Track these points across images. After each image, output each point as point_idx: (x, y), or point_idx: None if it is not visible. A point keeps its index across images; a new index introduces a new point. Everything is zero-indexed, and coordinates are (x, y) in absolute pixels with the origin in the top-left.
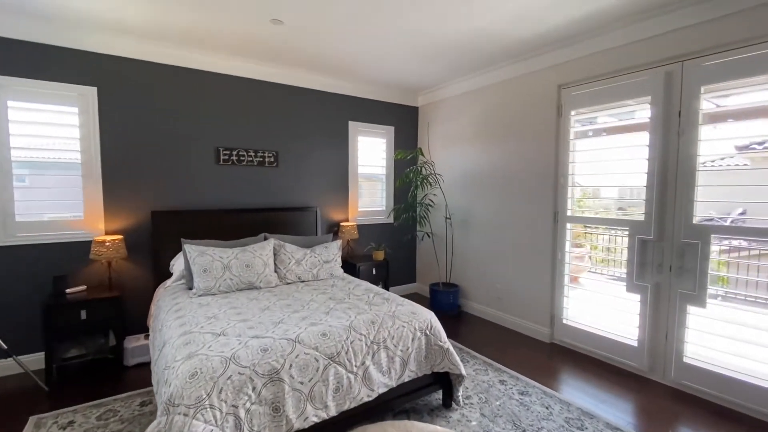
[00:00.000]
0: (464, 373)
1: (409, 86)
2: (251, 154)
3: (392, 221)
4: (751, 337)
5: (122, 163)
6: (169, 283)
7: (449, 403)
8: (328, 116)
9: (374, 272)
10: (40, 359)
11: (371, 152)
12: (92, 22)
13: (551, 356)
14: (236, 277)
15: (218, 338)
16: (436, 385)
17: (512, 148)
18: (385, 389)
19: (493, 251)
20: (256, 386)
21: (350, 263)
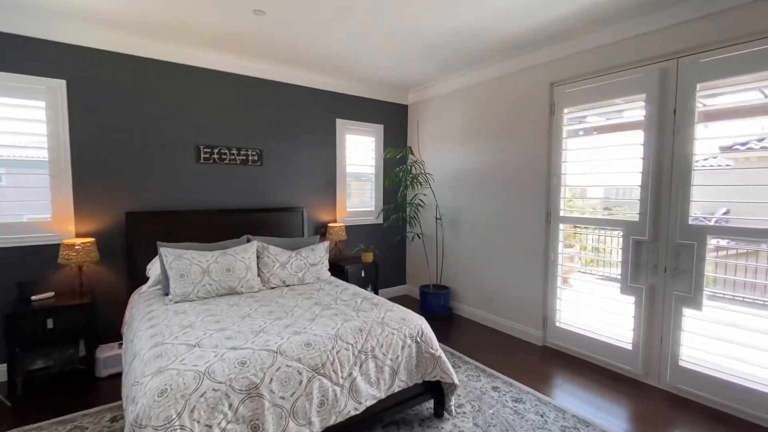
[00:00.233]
0: (456, 382)
1: (398, 83)
2: (234, 152)
3: (382, 222)
4: (747, 339)
5: (94, 161)
6: (144, 288)
7: (441, 412)
8: (314, 113)
9: (363, 275)
10: (2, 372)
11: (360, 151)
12: (61, 10)
13: (544, 360)
14: (216, 282)
15: (192, 350)
16: (427, 394)
17: (504, 147)
18: (373, 401)
19: (484, 252)
20: (232, 403)
21: (338, 265)
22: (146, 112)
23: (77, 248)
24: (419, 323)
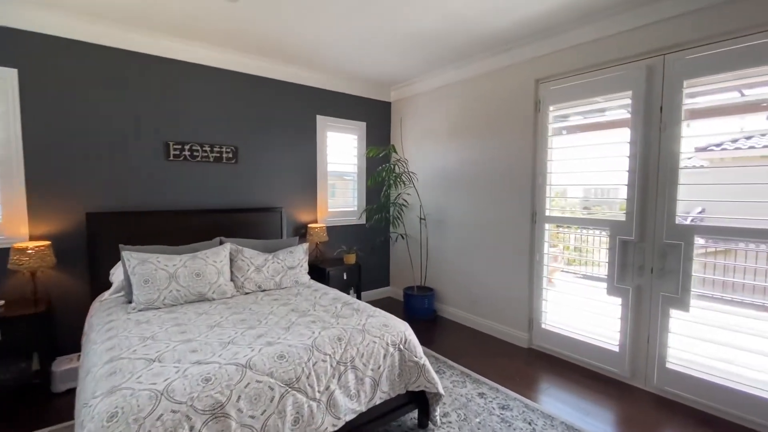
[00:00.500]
0: (442, 391)
1: (381, 80)
2: (206, 149)
3: (364, 222)
4: (735, 341)
5: (50, 158)
6: (106, 295)
7: (425, 423)
8: (293, 109)
9: (345, 277)
10: None
11: (342, 149)
12: None
13: (531, 363)
14: (184, 287)
15: (151, 366)
16: (411, 404)
17: (488, 145)
18: (353, 415)
19: (469, 253)
20: (194, 425)
21: (319, 268)
22: (109, 105)
23: (30, 252)
24: (402, 330)
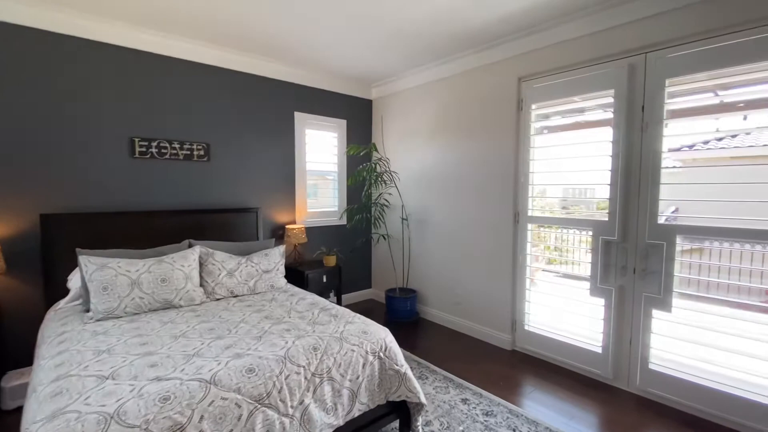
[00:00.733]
0: (424, 400)
1: (361, 76)
2: (176, 145)
3: (345, 223)
4: (716, 341)
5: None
6: (62, 304)
7: None
8: (270, 105)
9: (325, 280)
10: None
11: (321, 147)
12: None
13: (514, 366)
14: (148, 294)
15: (104, 384)
16: (391, 415)
17: (470, 144)
18: (330, 430)
19: (451, 254)
20: None
21: (298, 271)
22: (68, 98)
23: None
24: (382, 336)
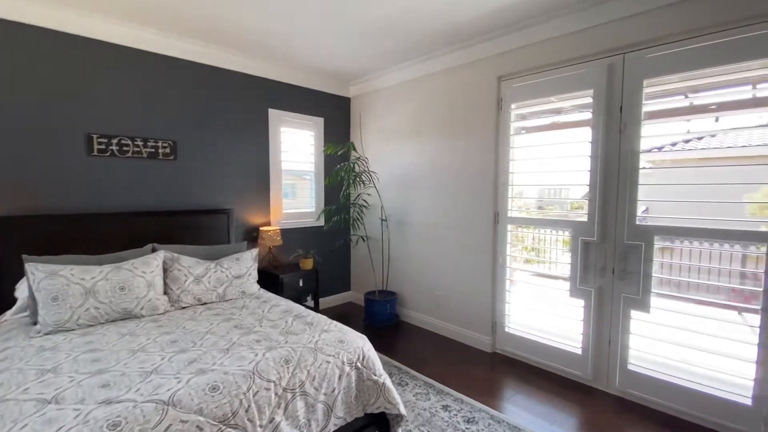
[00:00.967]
0: (403, 411)
1: (339, 73)
2: (139, 143)
3: (323, 224)
4: (694, 342)
5: None
6: (7, 315)
7: None
8: (243, 101)
9: (301, 284)
10: None
11: (297, 146)
12: None
13: (495, 369)
14: (105, 304)
15: (44, 408)
16: (369, 427)
17: (450, 144)
18: None
19: (431, 255)
20: None
21: (272, 274)
22: (15, 89)
23: None
24: (360, 345)
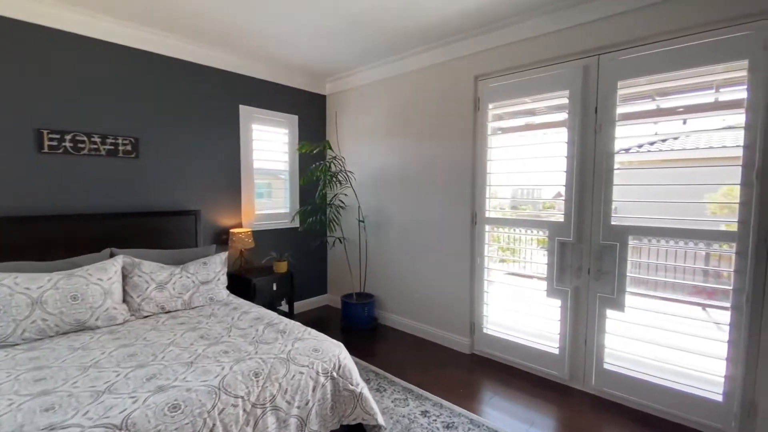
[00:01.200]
0: (382, 422)
1: (314, 70)
2: (96, 139)
3: (297, 226)
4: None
5: None
6: None
7: None
8: (211, 97)
9: (275, 288)
10: None
11: (270, 144)
12: None
13: (473, 370)
14: (54, 315)
15: None
16: None
17: (428, 144)
18: None
19: (410, 256)
20: None
21: (244, 279)
22: None
23: None
24: (336, 353)
